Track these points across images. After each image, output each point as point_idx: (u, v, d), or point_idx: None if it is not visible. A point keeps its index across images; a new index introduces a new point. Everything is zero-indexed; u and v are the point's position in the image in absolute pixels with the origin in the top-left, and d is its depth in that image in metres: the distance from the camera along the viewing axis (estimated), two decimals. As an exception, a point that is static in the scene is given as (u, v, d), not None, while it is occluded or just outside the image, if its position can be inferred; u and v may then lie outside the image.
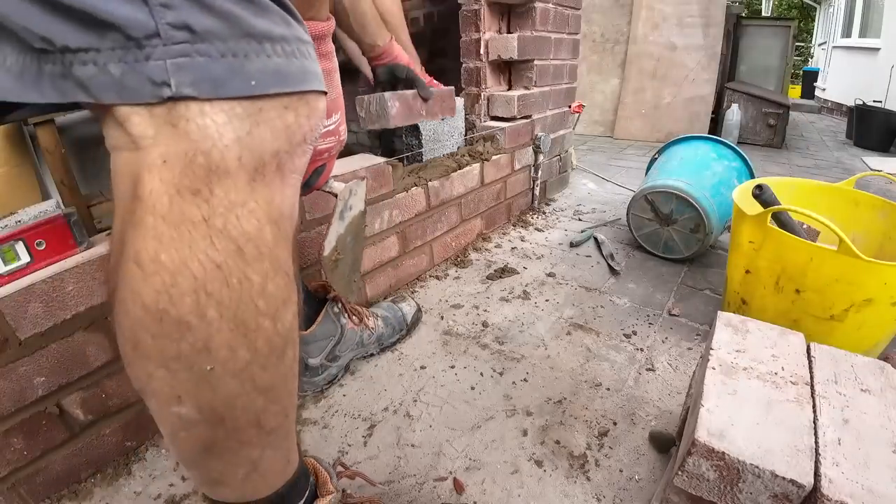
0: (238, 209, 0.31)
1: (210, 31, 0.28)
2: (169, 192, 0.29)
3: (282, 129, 0.32)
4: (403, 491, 0.69)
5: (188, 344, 0.32)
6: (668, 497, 0.53)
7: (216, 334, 0.32)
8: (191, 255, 0.30)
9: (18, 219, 0.60)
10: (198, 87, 0.28)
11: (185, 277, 0.30)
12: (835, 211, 1.01)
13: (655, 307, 1.14)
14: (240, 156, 0.30)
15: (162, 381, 0.33)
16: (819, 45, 8.43)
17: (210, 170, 0.30)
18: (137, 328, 0.31)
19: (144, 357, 0.32)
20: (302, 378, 0.86)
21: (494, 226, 1.59)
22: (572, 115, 1.96)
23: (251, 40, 0.30)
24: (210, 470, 0.40)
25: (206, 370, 0.33)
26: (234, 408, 0.36)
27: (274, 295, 0.35)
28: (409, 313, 1.05)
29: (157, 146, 0.29)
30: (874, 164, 2.69)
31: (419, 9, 2.05)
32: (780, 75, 3.81)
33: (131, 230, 0.30)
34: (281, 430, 0.41)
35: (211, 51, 0.28)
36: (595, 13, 3.43)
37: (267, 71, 0.30)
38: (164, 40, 0.27)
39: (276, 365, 0.37)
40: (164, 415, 0.35)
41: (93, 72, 0.27)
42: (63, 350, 0.64)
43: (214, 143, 0.29)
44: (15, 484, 0.63)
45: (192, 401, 0.34)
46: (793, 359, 0.56)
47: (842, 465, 0.43)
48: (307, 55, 0.34)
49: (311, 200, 0.93)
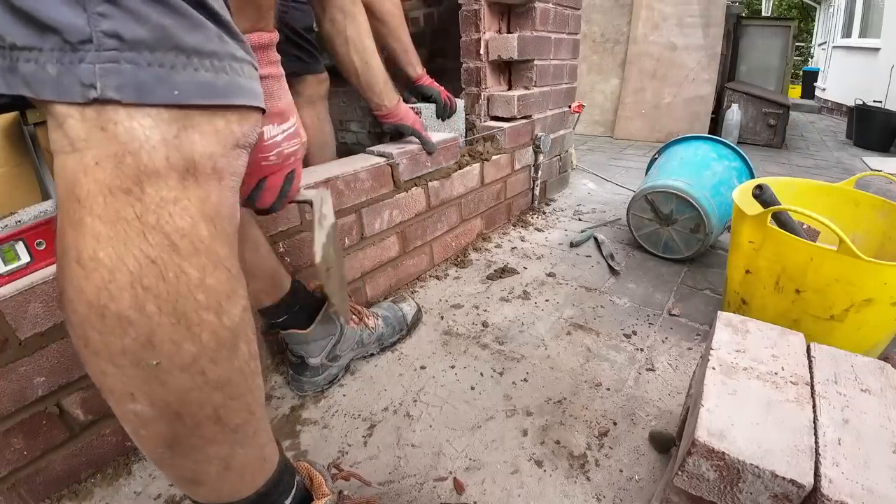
0: (170, 206, 0.32)
1: (140, 41, 0.30)
2: (103, 192, 0.31)
3: (211, 133, 0.34)
4: (403, 491, 0.69)
5: (131, 339, 0.33)
6: (668, 497, 0.53)
7: (157, 328, 0.33)
8: (126, 251, 0.31)
9: (18, 219, 0.60)
10: (121, 91, 0.30)
11: (122, 273, 0.32)
12: (835, 211, 1.01)
13: (655, 307, 1.14)
14: (167, 156, 0.32)
15: (114, 378, 0.34)
16: (819, 45, 8.43)
17: (139, 169, 0.31)
18: (85, 325, 0.33)
19: (94, 354, 0.34)
20: (303, 378, 0.86)
21: (494, 226, 1.59)
22: (572, 115, 1.96)
23: (180, 53, 0.31)
24: (181, 468, 0.40)
25: (152, 364, 0.34)
26: (188, 403, 0.36)
27: (214, 288, 0.35)
28: (410, 313, 1.05)
29: (90, 149, 0.30)
30: (874, 164, 2.69)
31: (419, 9, 2.05)
32: (780, 75, 3.81)
33: (71, 231, 0.32)
34: (248, 427, 0.41)
35: (138, 59, 0.30)
36: (595, 13, 3.43)
37: (192, 82, 0.32)
38: (96, 46, 0.29)
39: (228, 359, 0.37)
40: (122, 413, 0.36)
41: (33, 69, 0.29)
42: (63, 350, 0.64)
43: (142, 145, 0.31)
44: (15, 484, 0.63)
45: (144, 397, 0.35)
46: (793, 359, 0.56)
47: (842, 465, 0.43)
48: (239, 71, 0.35)
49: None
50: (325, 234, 0.64)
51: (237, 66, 0.35)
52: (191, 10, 0.32)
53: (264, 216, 0.69)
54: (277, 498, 0.47)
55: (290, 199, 0.59)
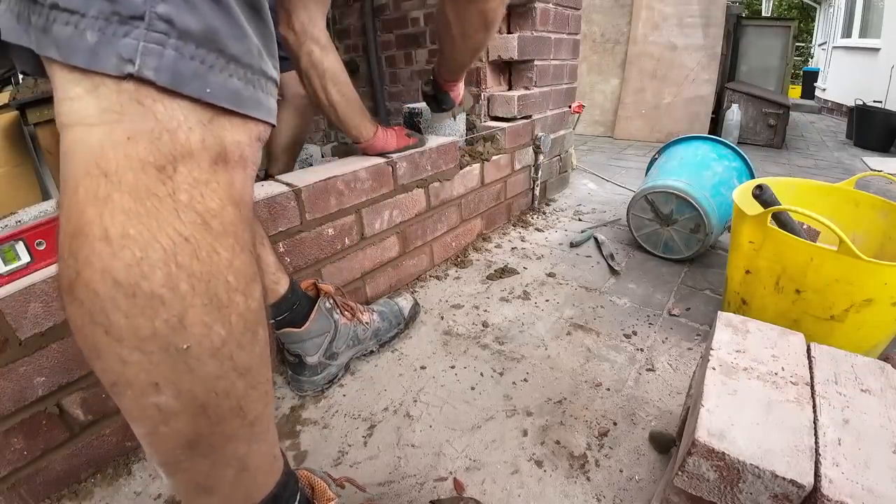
0: (202, 187, 0.32)
1: (190, 33, 0.30)
2: (134, 168, 0.30)
3: (239, 124, 0.35)
4: (403, 491, 0.69)
5: (162, 320, 0.31)
6: (668, 497, 0.53)
7: (189, 309, 0.32)
8: (159, 228, 0.31)
9: (18, 219, 0.60)
10: (158, 73, 0.30)
11: (156, 250, 0.31)
12: (835, 211, 1.01)
13: (655, 307, 1.14)
14: (203, 139, 0.32)
15: (137, 367, 0.32)
16: (819, 45, 8.43)
17: (175, 148, 0.31)
18: (109, 309, 0.31)
19: (117, 341, 0.31)
20: (302, 377, 0.86)
21: (494, 226, 1.59)
22: (572, 115, 1.96)
23: (220, 56, 0.32)
24: (196, 473, 0.38)
25: (182, 349, 0.32)
26: (215, 393, 0.35)
27: (242, 271, 0.35)
28: (406, 307, 1.05)
29: (122, 122, 0.30)
30: (874, 165, 2.69)
31: (419, 9, 2.05)
32: (780, 75, 3.81)
33: (93, 208, 0.30)
34: (263, 420, 0.41)
35: (183, 49, 0.30)
36: (595, 13, 3.43)
37: (224, 87, 0.33)
38: (147, 25, 0.29)
39: (251, 344, 0.37)
40: (142, 408, 0.34)
41: (70, 32, 0.28)
42: (63, 350, 0.64)
43: (180, 125, 0.31)
44: (15, 484, 0.63)
45: (170, 387, 0.33)
46: (793, 359, 0.56)
47: (842, 465, 0.43)
48: (264, 88, 0.37)
49: (311, 201, 0.93)
50: None
51: (264, 83, 0.36)
52: (241, 20, 0.33)
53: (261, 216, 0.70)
54: (287, 501, 0.46)
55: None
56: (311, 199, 0.93)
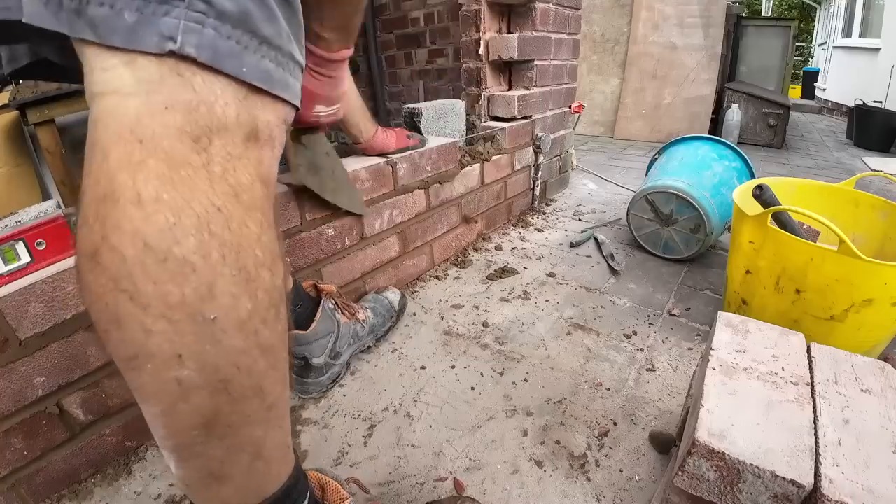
0: (234, 161, 0.33)
1: (227, 14, 0.31)
2: (170, 136, 0.30)
3: (270, 104, 0.36)
4: (403, 491, 0.69)
5: (192, 288, 0.31)
6: (668, 497, 0.53)
7: (220, 278, 0.32)
8: (192, 195, 0.31)
9: (18, 219, 0.60)
10: (200, 50, 0.31)
11: (189, 216, 0.31)
12: (835, 211, 1.01)
13: (655, 307, 1.14)
14: (238, 114, 0.33)
15: (162, 337, 0.31)
16: (819, 45, 8.43)
17: (211, 121, 0.32)
18: (137, 274, 0.30)
19: (143, 308, 0.30)
20: (307, 380, 0.86)
21: (494, 226, 1.59)
22: (572, 115, 1.96)
23: (254, 38, 0.33)
24: (210, 459, 0.37)
25: (209, 319, 0.32)
26: (237, 367, 0.34)
27: (269, 247, 0.36)
28: (395, 300, 1.07)
29: (161, 92, 0.30)
30: (874, 165, 2.69)
31: (419, 9, 2.05)
32: (780, 75, 3.82)
33: (125, 174, 0.30)
34: (280, 405, 0.40)
35: (221, 29, 0.31)
36: (595, 13, 3.43)
37: (257, 67, 0.34)
38: (187, 5, 0.30)
39: (274, 321, 0.37)
40: (161, 383, 0.32)
41: (106, 13, 0.29)
42: (63, 350, 0.64)
43: (217, 99, 0.32)
44: (15, 484, 0.63)
45: (194, 359, 0.32)
46: (793, 359, 0.56)
47: (842, 465, 0.43)
48: (292, 71, 0.38)
49: (311, 201, 0.93)
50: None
51: (292, 66, 0.38)
52: (273, 4, 0.34)
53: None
54: (297, 499, 0.45)
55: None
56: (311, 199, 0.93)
